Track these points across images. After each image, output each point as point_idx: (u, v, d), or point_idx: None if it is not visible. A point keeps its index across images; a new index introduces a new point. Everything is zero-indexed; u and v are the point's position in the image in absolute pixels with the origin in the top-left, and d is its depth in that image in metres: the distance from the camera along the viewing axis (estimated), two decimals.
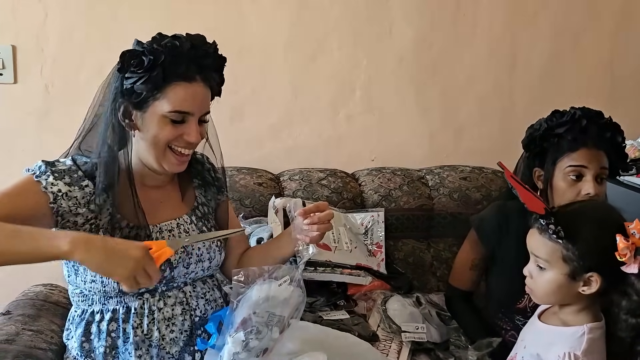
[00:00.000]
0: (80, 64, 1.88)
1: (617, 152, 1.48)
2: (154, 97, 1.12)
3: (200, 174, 1.34)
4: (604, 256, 1.08)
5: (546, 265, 1.13)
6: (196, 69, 1.14)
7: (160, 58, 1.10)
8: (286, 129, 2.08)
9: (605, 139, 1.46)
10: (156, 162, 1.17)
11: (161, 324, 1.18)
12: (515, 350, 1.26)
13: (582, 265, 1.09)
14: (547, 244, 1.12)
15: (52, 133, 1.87)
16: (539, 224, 1.13)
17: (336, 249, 1.76)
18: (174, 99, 1.12)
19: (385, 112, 2.15)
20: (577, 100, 2.23)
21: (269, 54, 2.02)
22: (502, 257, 1.56)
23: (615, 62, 2.31)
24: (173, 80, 1.12)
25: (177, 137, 1.15)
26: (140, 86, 1.11)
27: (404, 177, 1.98)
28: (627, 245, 1.05)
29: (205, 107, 1.18)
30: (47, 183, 1.12)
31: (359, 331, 1.48)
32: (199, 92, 1.15)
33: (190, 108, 1.14)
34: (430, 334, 1.54)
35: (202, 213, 1.30)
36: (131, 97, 1.12)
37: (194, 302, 1.23)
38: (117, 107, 1.14)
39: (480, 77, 2.19)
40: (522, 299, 1.51)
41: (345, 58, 2.07)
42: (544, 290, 1.15)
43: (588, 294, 1.12)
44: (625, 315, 1.09)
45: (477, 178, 2.00)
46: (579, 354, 1.09)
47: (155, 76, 1.10)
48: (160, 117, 1.13)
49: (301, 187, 1.89)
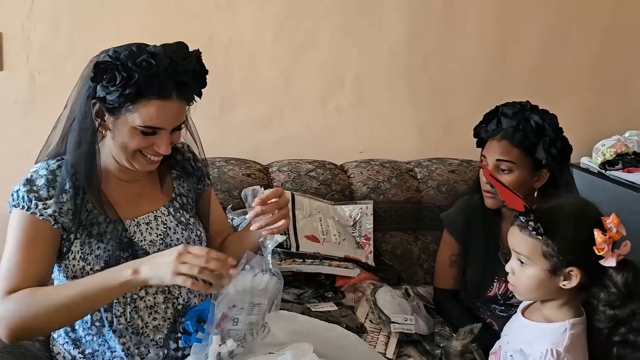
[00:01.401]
0: (67, 52, 1.86)
1: (530, 146, 1.48)
2: (127, 109, 1.10)
3: (180, 164, 1.33)
4: (582, 251, 1.09)
5: (527, 262, 1.15)
6: (172, 86, 1.10)
7: (134, 77, 1.06)
8: (276, 120, 2.07)
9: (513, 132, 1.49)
10: (127, 162, 1.17)
11: (143, 312, 1.18)
12: (499, 344, 1.27)
13: (562, 261, 1.11)
14: (528, 241, 1.14)
15: (38, 122, 1.84)
16: (519, 222, 1.15)
17: (324, 240, 1.76)
18: (145, 114, 1.09)
19: (375, 104, 2.15)
20: (566, 95, 2.26)
21: (259, 45, 2.01)
22: (472, 249, 1.61)
23: (605, 57, 2.32)
24: (147, 95, 1.08)
25: (148, 146, 1.14)
26: (113, 99, 1.08)
27: (393, 169, 1.99)
28: (604, 239, 1.07)
29: (179, 120, 1.15)
30: (39, 210, 1.12)
31: (346, 323, 1.49)
32: (172, 109, 1.12)
33: (162, 124, 1.12)
34: (418, 325, 1.56)
35: (180, 204, 1.29)
36: (105, 103, 1.10)
37: (177, 291, 1.22)
38: (92, 106, 1.12)
39: (470, 70, 2.20)
40: (492, 287, 1.57)
41: (335, 49, 2.07)
42: (526, 286, 1.17)
43: (569, 288, 1.13)
44: (604, 307, 1.11)
45: (465, 171, 2.01)
46: (562, 350, 1.11)
47: (127, 94, 1.07)
48: (131, 127, 1.11)
49: (290, 179, 1.89)
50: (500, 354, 1.23)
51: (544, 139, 1.46)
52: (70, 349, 1.19)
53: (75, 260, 1.15)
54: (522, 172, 1.48)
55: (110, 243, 1.15)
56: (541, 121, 1.47)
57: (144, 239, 1.19)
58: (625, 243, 1.09)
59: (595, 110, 2.32)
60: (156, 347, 1.18)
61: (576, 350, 1.13)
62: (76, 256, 1.15)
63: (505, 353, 1.21)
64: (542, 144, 1.46)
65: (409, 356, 1.50)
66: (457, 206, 1.68)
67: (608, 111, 2.35)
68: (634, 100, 2.38)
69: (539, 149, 1.46)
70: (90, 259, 1.14)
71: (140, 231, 1.20)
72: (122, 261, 1.14)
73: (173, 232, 1.23)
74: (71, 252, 1.15)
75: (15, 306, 1.07)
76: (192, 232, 1.26)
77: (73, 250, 1.15)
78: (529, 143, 1.47)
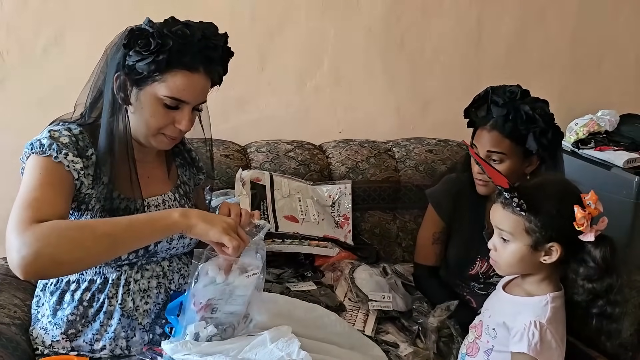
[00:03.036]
0: (36, 30, 1.80)
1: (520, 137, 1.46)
2: (154, 79, 1.11)
3: (181, 154, 1.35)
4: (563, 226, 1.13)
5: (510, 238, 1.17)
6: (202, 60, 1.13)
7: (168, 44, 1.08)
8: (252, 101, 2.05)
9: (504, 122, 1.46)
10: (145, 139, 1.18)
11: (136, 295, 1.18)
12: (479, 318, 1.30)
13: (544, 236, 1.14)
14: (511, 217, 1.16)
15: (8, 102, 1.80)
16: (502, 198, 1.17)
17: (303, 220, 1.77)
18: (173, 85, 1.11)
19: (353, 84, 2.14)
20: (540, 74, 2.28)
21: (235, 25, 1.97)
22: (457, 227, 1.63)
23: (579, 38, 2.35)
24: (176, 67, 1.10)
25: (168, 124, 1.15)
26: (143, 66, 1.09)
27: (371, 149, 1.99)
28: (584, 215, 1.10)
29: (203, 97, 1.17)
30: (69, 162, 1.10)
31: (326, 302, 1.50)
32: (199, 83, 1.14)
33: (187, 97, 1.13)
34: (396, 302, 1.58)
35: (184, 191, 1.32)
36: (131, 73, 1.11)
37: (170, 276, 1.24)
38: (115, 80, 1.12)
39: (446, 50, 2.20)
40: (474, 266, 1.59)
41: (312, 29, 2.05)
42: (508, 262, 1.19)
43: (549, 263, 1.16)
44: (582, 281, 1.15)
45: (443, 151, 2.03)
46: (544, 321, 1.14)
47: (159, 60, 1.09)
48: (155, 98, 1.12)
49: (268, 159, 1.88)
50: (481, 328, 1.26)
51: (534, 129, 1.45)
52: (52, 329, 1.18)
53: None
54: (513, 161, 1.49)
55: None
56: (531, 112, 1.45)
57: None
58: (603, 219, 1.13)
59: (569, 89, 2.35)
60: (142, 331, 1.19)
61: (557, 322, 1.17)
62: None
63: (487, 327, 1.24)
64: (533, 134, 1.45)
65: (387, 332, 1.52)
66: (444, 184, 1.68)
67: (582, 90, 2.39)
68: (607, 79, 2.42)
69: (530, 139, 1.45)
70: None
71: (150, 212, 1.20)
72: None
73: None
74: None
75: (49, 232, 0.99)
76: None
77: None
78: (519, 134, 1.46)
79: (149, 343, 1.19)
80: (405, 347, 1.46)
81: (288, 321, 1.19)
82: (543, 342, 1.13)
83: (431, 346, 1.47)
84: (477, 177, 1.53)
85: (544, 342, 1.13)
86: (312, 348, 1.13)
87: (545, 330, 1.14)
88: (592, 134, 2.23)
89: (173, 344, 1.07)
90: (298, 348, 1.09)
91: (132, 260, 1.18)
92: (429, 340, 1.48)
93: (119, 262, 1.17)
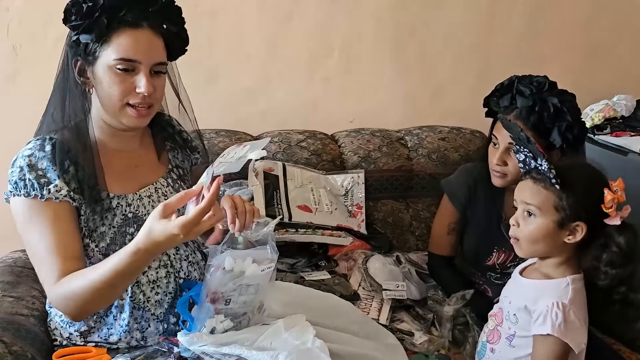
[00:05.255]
0: (48, 22, 1.80)
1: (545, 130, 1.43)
2: (100, 46, 1.09)
3: (171, 137, 1.32)
4: (592, 207, 1.14)
5: (537, 213, 1.18)
6: (141, 14, 1.10)
7: (99, 2, 1.06)
8: (262, 91, 2.04)
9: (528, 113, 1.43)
10: (114, 118, 1.15)
11: (146, 286, 1.18)
12: (499, 306, 1.30)
13: (572, 214, 1.15)
14: (542, 192, 1.17)
15: (21, 96, 1.81)
16: (535, 173, 1.18)
17: (317, 210, 1.77)
18: (118, 46, 1.08)
19: (363, 73, 2.12)
20: (554, 61, 2.25)
21: (243, 14, 1.97)
22: (473, 217, 1.61)
23: (593, 23, 2.31)
24: (117, 26, 1.08)
25: (130, 90, 1.11)
26: (85, 36, 1.08)
27: (383, 138, 1.98)
28: (613, 198, 1.12)
29: (156, 56, 1.13)
30: (53, 194, 1.09)
31: (340, 291, 1.50)
32: (145, 39, 1.11)
33: (136, 55, 1.10)
34: (410, 291, 1.58)
35: (177, 175, 1.29)
36: (79, 50, 1.10)
37: (178, 265, 1.22)
38: (73, 66, 1.12)
39: (457, 37, 2.18)
40: (490, 257, 1.58)
41: (322, 18, 2.03)
42: (531, 237, 1.20)
43: (572, 242, 1.17)
44: (605, 267, 1.16)
45: (456, 138, 2.01)
46: (567, 302, 1.15)
47: (97, 23, 1.07)
48: (108, 67, 1.10)
49: (280, 149, 1.88)
50: (502, 315, 1.26)
51: (560, 123, 1.41)
52: (66, 326, 1.19)
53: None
54: None
55: (115, 219, 1.15)
56: (559, 104, 1.41)
57: (147, 212, 1.17)
58: (626, 207, 1.15)
59: (584, 74, 2.31)
60: (156, 322, 1.19)
61: (580, 304, 1.18)
62: (81, 234, 1.14)
63: (508, 313, 1.24)
64: (558, 128, 1.41)
65: (402, 321, 1.52)
66: (460, 174, 1.66)
67: (597, 75, 2.35)
68: (622, 64, 2.38)
69: (554, 133, 1.41)
70: (95, 235, 1.14)
71: (143, 205, 1.19)
72: (128, 237, 1.14)
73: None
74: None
75: (65, 293, 1.07)
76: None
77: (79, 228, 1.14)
78: (544, 126, 1.42)
79: (164, 333, 1.19)
80: (420, 335, 1.47)
81: (302, 310, 1.20)
82: (567, 323, 1.13)
83: (446, 334, 1.47)
84: (495, 168, 1.49)
85: (567, 322, 1.13)
86: (326, 337, 1.13)
87: (569, 310, 1.14)
88: (608, 120, 2.20)
89: (188, 336, 1.08)
90: (313, 336, 1.09)
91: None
92: (444, 328, 1.48)
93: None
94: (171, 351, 1.11)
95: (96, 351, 1.16)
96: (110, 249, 1.14)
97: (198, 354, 1.07)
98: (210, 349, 1.06)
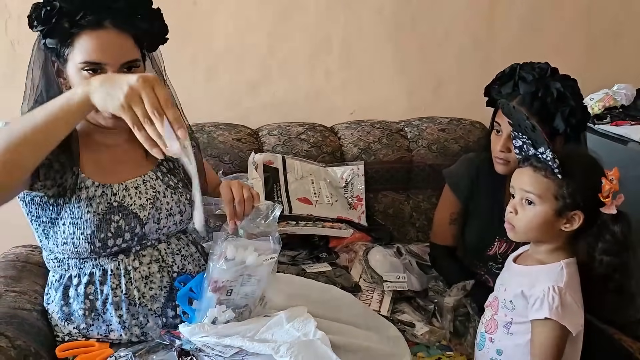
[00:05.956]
0: None
1: (548, 115, 1.42)
2: (67, 49, 1.08)
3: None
4: (590, 196, 1.15)
5: (536, 201, 1.18)
6: (103, 14, 1.06)
7: (55, 6, 1.04)
8: (263, 85, 2.04)
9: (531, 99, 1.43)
10: (92, 119, 1.14)
11: (139, 282, 1.17)
12: (494, 295, 1.30)
13: (571, 203, 1.16)
14: (542, 181, 1.18)
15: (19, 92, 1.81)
16: (535, 161, 1.19)
17: (317, 202, 1.77)
18: (82, 49, 1.06)
19: (364, 67, 2.12)
20: (555, 52, 2.23)
21: (243, 9, 1.97)
22: (474, 208, 1.61)
23: (593, 14, 2.30)
24: (79, 28, 1.05)
25: None
26: (51, 40, 1.07)
27: (383, 129, 1.98)
28: (610, 187, 1.13)
29: (124, 55, 1.08)
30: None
31: (341, 282, 1.51)
32: (108, 40, 1.07)
33: (101, 58, 1.06)
34: (411, 282, 1.58)
35: (167, 168, 1.28)
36: (54, 54, 1.09)
37: (170, 259, 1.22)
38: (52, 65, 1.11)
39: (458, 30, 2.17)
40: (492, 246, 1.58)
41: (322, 12, 2.03)
42: (528, 225, 1.20)
43: (569, 230, 1.18)
44: (601, 255, 1.17)
45: (456, 129, 2.01)
46: (562, 285, 1.16)
47: (58, 27, 1.05)
48: (77, 69, 1.08)
49: (280, 142, 1.88)
50: (497, 304, 1.27)
51: (563, 108, 1.40)
52: (65, 324, 1.19)
53: (65, 226, 1.13)
54: None
55: (100, 207, 1.14)
56: (563, 89, 1.40)
57: (134, 202, 1.17)
58: (620, 196, 1.15)
59: (584, 64, 2.30)
60: (155, 316, 1.19)
61: (575, 287, 1.18)
62: (66, 222, 1.13)
63: (504, 300, 1.24)
64: (562, 113, 1.40)
65: (403, 312, 1.53)
66: (462, 164, 1.65)
67: (597, 65, 2.35)
68: (622, 53, 2.38)
69: (558, 118, 1.41)
70: (80, 223, 1.13)
71: (130, 195, 1.18)
72: (114, 225, 1.13)
73: (163, 195, 1.22)
74: (61, 217, 1.13)
75: None
76: (181, 195, 1.25)
77: (63, 216, 1.13)
78: (547, 112, 1.41)
79: (164, 326, 1.19)
80: (421, 327, 1.47)
81: (304, 302, 1.20)
82: (564, 306, 1.14)
83: (447, 325, 1.47)
84: (499, 155, 1.49)
85: (564, 305, 1.14)
86: (328, 328, 1.13)
87: (565, 293, 1.15)
88: (608, 109, 2.20)
89: (190, 327, 1.08)
90: (314, 328, 1.10)
91: (122, 246, 1.15)
92: (444, 319, 1.49)
93: (108, 250, 1.14)
94: (173, 344, 1.12)
95: (99, 345, 1.17)
96: (96, 236, 1.12)
97: (200, 347, 1.07)
98: (211, 341, 1.06)
